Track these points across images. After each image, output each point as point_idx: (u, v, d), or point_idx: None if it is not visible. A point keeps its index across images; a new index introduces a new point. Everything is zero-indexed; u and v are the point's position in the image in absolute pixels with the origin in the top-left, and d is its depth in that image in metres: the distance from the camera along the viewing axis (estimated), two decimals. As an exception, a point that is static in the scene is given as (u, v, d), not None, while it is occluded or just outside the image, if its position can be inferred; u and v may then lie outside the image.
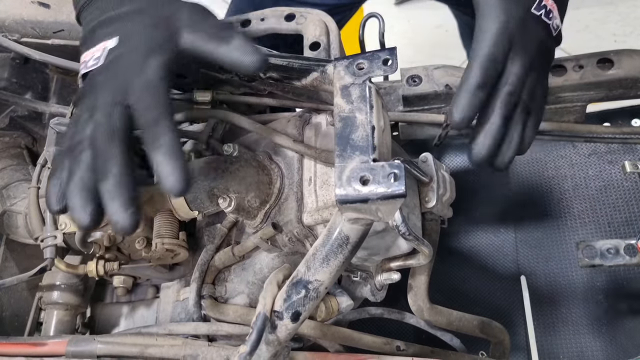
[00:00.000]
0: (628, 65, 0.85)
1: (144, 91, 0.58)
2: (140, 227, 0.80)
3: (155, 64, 0.60)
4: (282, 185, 0.76)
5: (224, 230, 0.80)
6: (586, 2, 2.43)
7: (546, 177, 1.24)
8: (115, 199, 0.53)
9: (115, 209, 0.53)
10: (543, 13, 0.67)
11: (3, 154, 0.95)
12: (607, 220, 1.17)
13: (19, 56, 0.94)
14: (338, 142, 0.56)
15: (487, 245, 1.24)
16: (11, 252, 0.96)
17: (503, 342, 0.93)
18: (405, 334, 1.07)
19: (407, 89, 0.90)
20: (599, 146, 1.22)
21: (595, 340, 1.10)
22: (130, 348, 0.68)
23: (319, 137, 0.78)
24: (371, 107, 0.58)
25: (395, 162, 0.52)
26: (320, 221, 0.72)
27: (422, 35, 2.60)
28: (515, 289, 1.17)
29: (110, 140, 0.55)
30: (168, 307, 0.82)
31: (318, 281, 0.59)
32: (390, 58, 0.61)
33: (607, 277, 1.14)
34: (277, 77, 0.76)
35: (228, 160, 0.75)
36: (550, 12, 0.67)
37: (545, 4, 0.66)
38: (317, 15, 0.94)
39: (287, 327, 0.61)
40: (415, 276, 0.83)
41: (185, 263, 0.83)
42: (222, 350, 0.69)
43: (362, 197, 0.52)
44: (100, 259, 0.79)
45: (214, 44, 0.62)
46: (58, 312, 0.84)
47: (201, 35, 0.63)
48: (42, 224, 0.81)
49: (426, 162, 0.83)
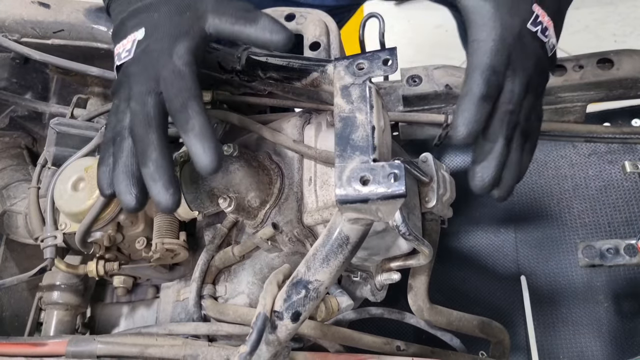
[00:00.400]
0: (628, 65, 0.85)
1: (172, 78, 0.61)
2: (140, 226, 0.80)
3: (182, 50, 0.62)
4: (282, 186, 0.76)
5: (224, 230, 0.80)
6: (586, 2, 2.43)
7: (546, 177, 1.25)
8: (157, 181, 0.57)
9: (157, 191, 0.57)
10: (540, 30, 0.62)
11: (3, 154, 0.95)
12: (607, 220, 1.17)
13: (19, 56, 0.94)
14: (338, 142, 0.56)
15: (487, 245, 1.24)
16: (11, 252, 0.96)
17: (503, 342, 0.93)
18: (405, 334, 1.07)
19: (407, 89, 0.90)
20: (599, 146, 1.22)
21: (595, 340, 1.10)
22: (130, 348, 0.68)
23: (319, 137, 0.78)
24: (371, 107, 0.58)
25: (396, 162, 0.52)
26: (321, 221, 0.72)
27: (422, 35, 2.60)
28: (515, 289, 1.18)
29: (147, 127, 0.59)
30: (168, 307, 0.82)
31: (318, 281, 0.59)
32: (390, 58, 0.61)
33: (607, 277, 1.14)
34: (277, 77, 0.76)
35: (228, 160, 0.75)
36: (547, 30, 0.63)
37: (542, 20, 0.62)
38: (317, 15, 0.94)
39: (287, 327, 0.61)
40: (416, 276, 0.83)
41: (186, 263, 0.83)
42: (222, 351, 0.69)
43: (362, 198, 0.52)
44: (101, 259, 0.79)
45: (241, 25, 0.65)
46: (58, 312, 0.84)
47: (228, 18, 0.65)
48: (42, 224, 0.81)
49: (426, 162, 0.83)
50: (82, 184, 0.77)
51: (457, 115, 0.59)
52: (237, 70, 0.83)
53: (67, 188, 0.77)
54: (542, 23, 0.62)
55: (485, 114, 0.59)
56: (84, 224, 0.75)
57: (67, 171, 0.78)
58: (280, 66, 0.73)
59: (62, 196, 0.77)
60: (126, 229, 0.80)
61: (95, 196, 0.75)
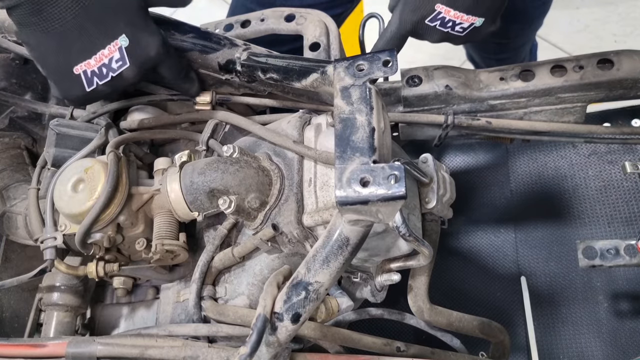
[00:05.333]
0: (628, 65, 0.85)
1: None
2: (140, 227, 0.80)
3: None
4: (282, 187, 0.76)
5: (223, 231, 0.80)
6: (586, 2, 2.43)
7: (546, 177, 1.24)
8: None
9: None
10: (438, 24, 0.80)
11: (3, 155, 0.95)
12: (607, 220, 1.17)
13: (19, 57, 0.94)
14: (338, 144, 0.56)
15: (487, 245, 1.24)
16: (11, 253, 0.96)
17: (503, 342, 0.93)
18: (405, 334, 1.07)
19: (407, 90, 0.90)
20: (599, 146, 1.22)
21: (595, 340, 1.10)
22: (130, 349, 0.68)
23: (319, 138, 0.78)
24: (371, 109, 0.58)
25: (396, 163, 0.52)
26: (321, 222, 0.72)
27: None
28: (515, 289, 1.18)
29: None
30: (168, 308, 0.82)
31: (318, 282, 0.59)
32: (390, 59, 0.61)
33: (607, 277, 1.14)
34: (277, 78, 0.76)
35: (228, 161, 0.75)
36: (451, 22, 0.80)
37: (445, 16, 0.79)
38: (317, 16, 0.94)
39: (287, 329, 0.61)
40: (416, 277, 0.83)
41: (185, 264, 0.83)
42: (222, 352, 0.69)
43: (362, 199, 0.52)
44: (100, 260, 0.79)
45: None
46: (58, 314, 0.84)
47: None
48: (42, 225, 0.81)
49: (426, 163, 0.83)
50: (81, 185, 0.77)
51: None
52: (237, 71, 0.83)
53: (66, 189, 0.77)
54: (445, 18, 0.79)
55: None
56: (83, 225, 0.75)
57: (67, 172, 0.78)
58: (280, 67, 0.73)
59: (61, 197, 0.77)
60: (126, 230, 0.79)
61: (95, 197, 0.75)
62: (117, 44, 0.72)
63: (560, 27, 2.32)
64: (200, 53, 0.84)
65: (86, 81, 0.73)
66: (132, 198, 0.79)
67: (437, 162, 0.84)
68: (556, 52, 2.29)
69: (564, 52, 2.30)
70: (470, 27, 0.81)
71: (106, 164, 0.77)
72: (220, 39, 0.85)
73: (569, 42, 2.31)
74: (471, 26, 0.81)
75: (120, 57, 0.73)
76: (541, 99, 0.88)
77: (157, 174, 0.83)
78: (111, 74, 0.73)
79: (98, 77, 0.73)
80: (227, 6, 1.40)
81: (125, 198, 0.77)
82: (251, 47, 0.86)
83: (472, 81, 0.89)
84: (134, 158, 0.86)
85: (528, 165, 1.27)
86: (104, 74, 0.73)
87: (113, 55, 0.72)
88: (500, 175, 1.28)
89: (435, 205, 0.81)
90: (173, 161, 0.81)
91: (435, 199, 0.80)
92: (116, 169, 0.76)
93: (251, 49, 0.85)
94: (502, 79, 0.89)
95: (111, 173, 0.75)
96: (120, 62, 0.73)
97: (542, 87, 0.87)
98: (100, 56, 0.72)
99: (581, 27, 2.38)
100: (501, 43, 1.57)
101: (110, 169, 0.76)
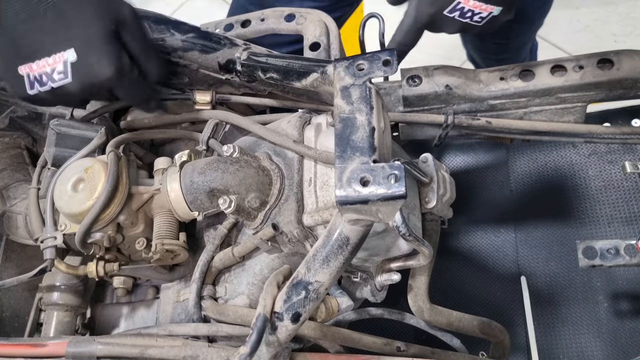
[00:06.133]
0: (628, 65, 0.85)
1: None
2: (140, 227, 0.80)
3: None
4: (282, 186, 0.76)
5: (224, 231, 0.80)
6: (586, 2, 2.43)
7: (546, 177, 1.25)
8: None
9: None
10: (457, 14, 0.81)
11: (3, 154, 0.95)
12: (607, 220, 1.17)
13: (19, 57, 0.94)
14: (338, 143, 0.56)
15: (487, 245, 1.24)
16: (11, 252, 0.96)
17: (503, 342, 0.93)
18: (405, 334, 1.07)
19: (407, 89, 0.90)
20: (599, 146, 1.22)
21: (595, 340, 1.10)
22: (130, 349, 0.68)
23: (319, 138, 0.78)
24: (371, 108, 0.58)
25: (396, 163, 0.52)
26: (321, 222, 0.72)
27: (422, 35, 2.60)
28: (515, 289, 1.18)
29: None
30: (168, 307, 0.82)
31: (318, 282, 0.59)
32: (390, 59, 0.61)
33: (607, 277, 1.14)
34: (277, 78, 0.76)
35: (228, 160, 0.75)
36: (470, 11, 0.81)
37: (464, 6, 0.80)
38: (317, 16, 0.94)
39: (287, 328, 0.61)
40: (416, 277, 0.83)
41: (185, 264, 0.83)
42: (222, 351, 0.69)
43: (362, 199, 0.52)
44: (100, 260, 0.79)
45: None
46: (58, 313, 0.84)
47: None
48: (42, 225, 0.81)
49: (426, 163, 0.83)
50: (82, 185, 0.76)
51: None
52: (237, 71, 0.83)
53: (67, 189, 0.77)
54: (464, 8, 0.81)
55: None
56: (83, 224, 0.75)
57: (67, 172, 0.78)
58: (281, 67, 0.73)
59: (62, 197, 0.77)
60: (126, 229, 0.79)
61: (95, 197, 0.75)
62: (63, 57, 0.70)
63: (560, 27, 2.32)
64: (200, 53, 0.84)
65: (28, 84, 0.72)
66: (132, 198, 0.79)
67: (437, 162, 0.84)
68: (556, 52, 2.29)
69: (564, 52, 2.30)
70: (488, 16, 0.82)
71: (106, 164, 0.77)
72: (220, 39, 0.85)
73: (569, 42, 2.31)
74: (489, 15, 0.82)
75: (62, 70, 0.70)
76: (541, 99, 0.88)
77: (157, 173, 0.83)
78: (51, 84, 0.71)
79: (39, 83, 0.72)
80: (227, 6, 1.40)
81: (125, 198, 0.77)
82: (251, 47, 0.86)
83: (472, 81, 0.89)
84: (134, 158, 0.86)
85: (528, 165, 1.27)
86: (44, 81, 0.71)
87: (56, 67, 0.70)
88: (500, 175, 1.28)
89: (435, 205, 0.81)
90: (173, 161, 0.81)
91: (435, 199, 0.80)
92: (116, 169, 0.76)
93: (251, 49, 0.85)
94: (502, 78, 0.89)
95: (111, 173, 0.75)
96: (62, 75, 0.71)
97: (542, 87, 0.87)
98: (43, 63, 0.71)
99: (581, 27, 2.38)
100: (501, 43, 1.57)
101: (110, 168, 0.76)
